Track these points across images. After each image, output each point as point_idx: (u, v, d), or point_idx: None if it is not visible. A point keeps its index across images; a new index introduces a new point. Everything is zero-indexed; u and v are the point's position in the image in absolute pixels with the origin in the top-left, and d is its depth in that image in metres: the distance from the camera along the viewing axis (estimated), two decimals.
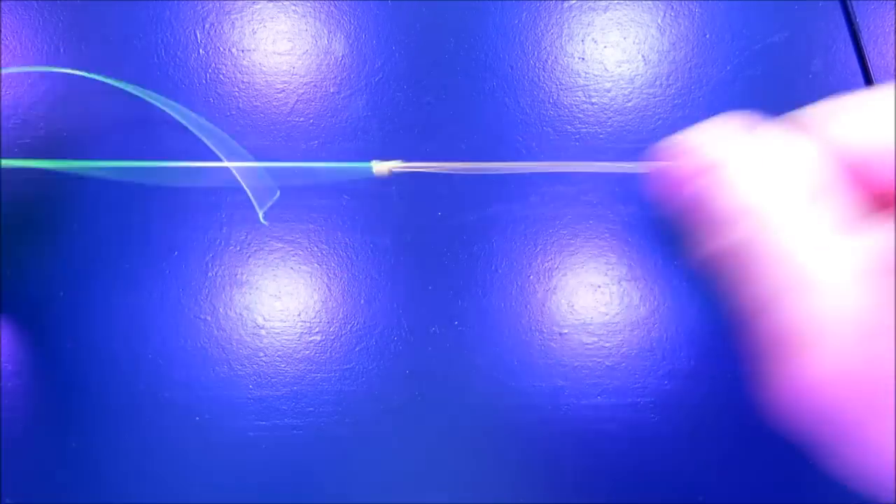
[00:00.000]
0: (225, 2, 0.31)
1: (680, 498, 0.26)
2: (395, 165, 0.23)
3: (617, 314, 0.28)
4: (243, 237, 0.28)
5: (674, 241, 0.28)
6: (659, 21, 0.32)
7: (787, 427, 0.15)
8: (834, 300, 0.14)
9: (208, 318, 0.27)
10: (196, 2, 0.31)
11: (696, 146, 0.17)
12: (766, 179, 0.16)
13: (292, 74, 0.30)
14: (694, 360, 0.27)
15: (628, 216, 0.29)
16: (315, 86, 0.30)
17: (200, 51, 0.30)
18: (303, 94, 0.30)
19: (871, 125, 0.15)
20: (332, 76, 0.30)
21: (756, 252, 0.15)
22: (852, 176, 0.15)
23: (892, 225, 0.15)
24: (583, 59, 0.31)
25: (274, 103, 0.30)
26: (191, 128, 0.26)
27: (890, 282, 0.14)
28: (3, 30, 0.30)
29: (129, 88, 0.26)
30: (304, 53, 0.31)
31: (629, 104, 0.31)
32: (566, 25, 0.32)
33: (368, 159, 0.29)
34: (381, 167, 0.23)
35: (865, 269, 0.14)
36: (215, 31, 0.31)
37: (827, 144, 0.16)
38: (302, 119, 0.30)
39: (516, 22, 0.31)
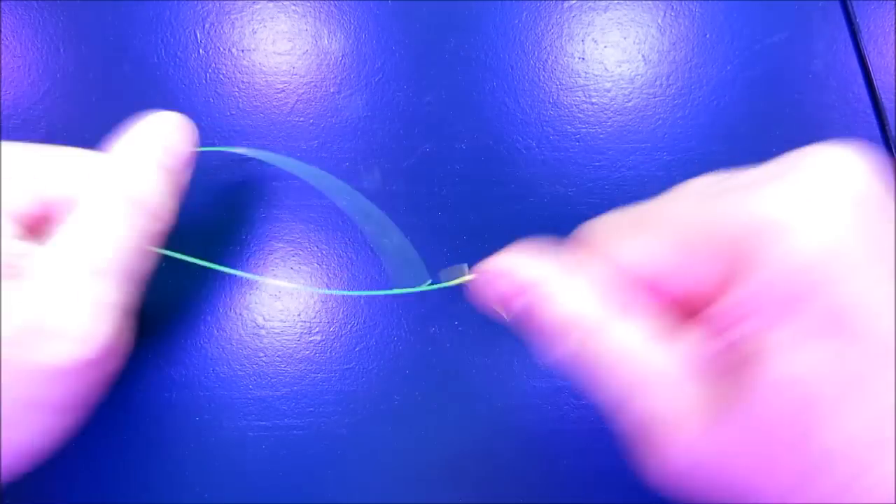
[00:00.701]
0: (225, 2, 0.31)
1: (679, 498, 0.26)
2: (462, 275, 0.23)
3: None
4: (243, 237, 0.28)
5: None
6: (659, 21, 0.32)
7: (669, 493, 0.16)
8: (664, 400, 0.15)
9: (208, 318, 0.27)
10: (196, 2, 0.31)
11: (509, 267, 0.18)
12: (578, 296, 0.17)
13: (292, 74, 0.30)
14: None
15: None
16: (315, 86, 0.30)
17: (200, 51, 0.30)
18: (303, 94, 0.30)
19: (645, 245, 0.16)
20: (332, 76, 0.30)
21: (588, 361, 0.16)
22: (648, 288, 0.17)
23: (701, 330, 0.16)
24: (583, 59, 0.31)
25: (274, 103, 0.30)
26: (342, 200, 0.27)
27: (711, 379, 0.15)
28: (3, 30, 0.30)
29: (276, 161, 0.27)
30: (304, 53, 0.31)
31: (629, 104, 0.31)
32: (566, 25, 0.32)
33: (368, 159, 0.29)
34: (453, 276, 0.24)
35: (685, 370, 0.15)
36: (215, 31, 0.31)
37: (614, 265, 0.17)
38: (302, 119, 0.30)
39: (516, 22, 0.31)
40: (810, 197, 0.14)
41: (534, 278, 0.18)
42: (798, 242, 0.14)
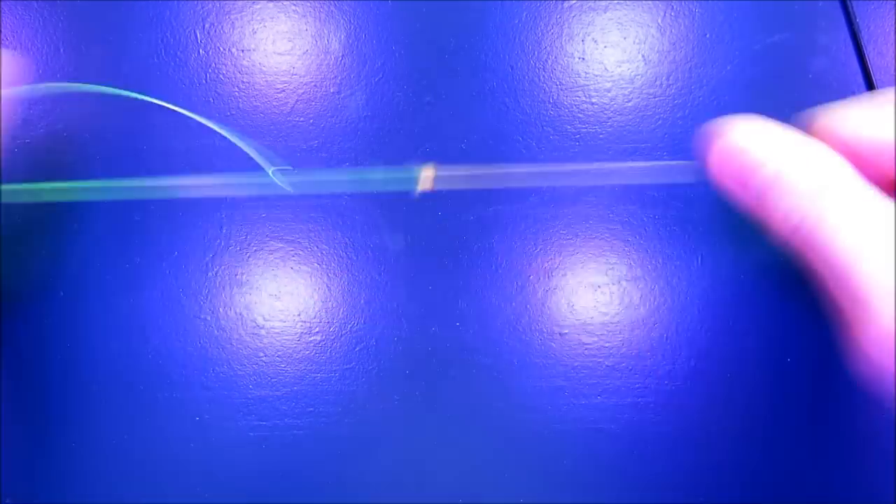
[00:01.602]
0: (225, 2, 0.31)
1: (680, 498, 0.26)
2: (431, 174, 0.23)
3: (617, 314, 0.28)
4: (243, 237, 0.28)
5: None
6: (659, 21, 0.32)
7: (870, 383, 0.15)
8: (887, 264, 0.15)
9: (208, 318, 0.27)
10: (196, 2, 0.31)
11: (746, 141, 0.17)
12: (810, 167, 0.16)
13: (292, 74, 0.30)
14: (694, 360, 0.27)
15: (628, 216, 0.29)
16: (315, 86, 0.30)
17: (200, 51, 0.30)
18: (303, 94, 0.30)
19: (878, 123, 0.16)
20: (332, 76, 0.30)
21: (816, 231, 0.16)
22: (864, 172, 0.16)
23: None
24: (583, 59, 0.31)
25: (274, 103, 0.30)
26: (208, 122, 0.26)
27: None
28: (3, 30, 0.30)
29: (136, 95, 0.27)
30: (304, 53, 0.30)
31: (629, 104, 0.31)
32: (566, 25, 0.32)
33: (368, 160, 0.29)
34: (425, 178, 0.23)
35: None
36: (215, 31, 0.31)
37: (839, 142, 0.17)
38: (302, 119, 0.30)
39: (516, 22, 0.31)
40: None
41: (772, 152, 0.17)
42: None
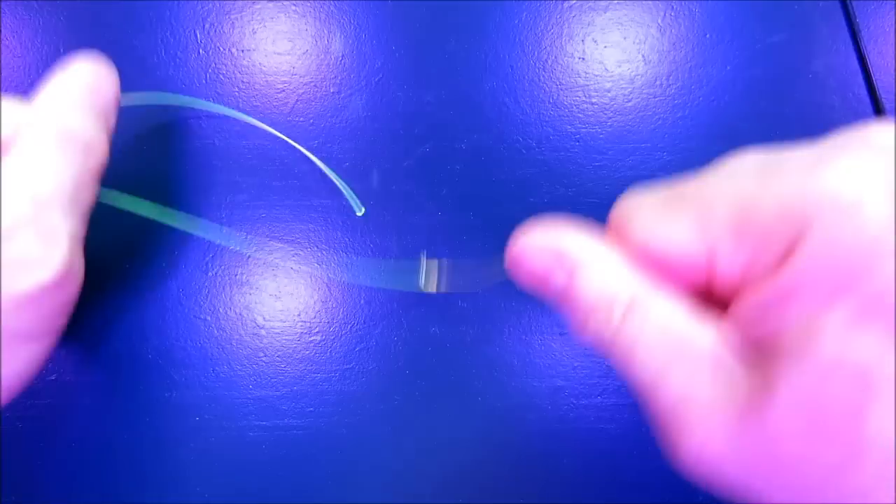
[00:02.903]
0: (225, 2, 0.31)
1: (680, 498, 0.26)
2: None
3: None
4: (243, 237, 0.28)
5: None
6: (659, 21, 0.32)
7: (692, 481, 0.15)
8: (701, 382, 0.15)
9: (208, 318, 0.27)
10: (196, 2, 0.31)
11: (545, 241, 0.17)
12: (618, 270, 0.16)
13: (292, 74, 0.30)
14: None
15: None
16: (315, 86, 0.30)
17: (200, 51, 0.30)
18: (303, 94, 0.30)
19: (684, 227, 0.15)
20: (332, 76, 0.30)
21: (625, 338, 0.16)
22: (673, 274, 0.16)
23: (737, 316, 0.15)
24: (583, 59, 0.31)
25: (274, 103, 0.30)
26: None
27: (749, 366, 0.14)
28: (3, 30, 0.30)
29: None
30: (304, 53, 0.31)
31: (629, 104, 0.31)
32: (566, 25, 0.32)
33: (368, 160, 0.29)
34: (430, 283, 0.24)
35: (727, 352, 0.15)
36: (215, 31, 0.31)
37: (641, 249, 0.16)
38: (302, 119, 0.30)
39: (516, 22, 0.31)
40: (880, 171, 0.13)
41: (572, 252, 0.16)
42: (865, 217, 0.12)
